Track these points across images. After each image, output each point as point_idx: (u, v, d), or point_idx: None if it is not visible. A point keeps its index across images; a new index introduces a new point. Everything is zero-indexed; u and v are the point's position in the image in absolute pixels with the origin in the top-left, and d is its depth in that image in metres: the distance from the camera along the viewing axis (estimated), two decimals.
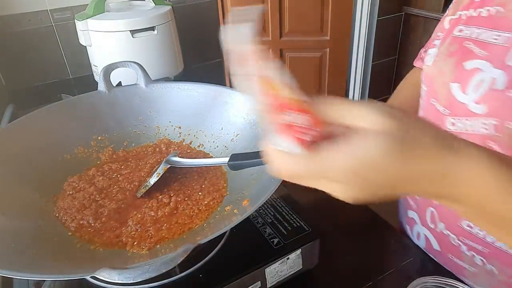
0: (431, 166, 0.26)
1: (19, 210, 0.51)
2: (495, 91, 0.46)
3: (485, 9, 0.50)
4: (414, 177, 0.27)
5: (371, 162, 0.25)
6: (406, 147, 0.26)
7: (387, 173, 0.26)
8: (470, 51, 0.50)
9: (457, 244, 0.55)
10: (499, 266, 0.52)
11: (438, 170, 0.26)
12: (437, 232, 0.59)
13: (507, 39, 0.47)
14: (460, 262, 0.56)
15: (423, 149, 0.26)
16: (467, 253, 0.55)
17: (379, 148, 0.25)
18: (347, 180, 0.26)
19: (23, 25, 1.20)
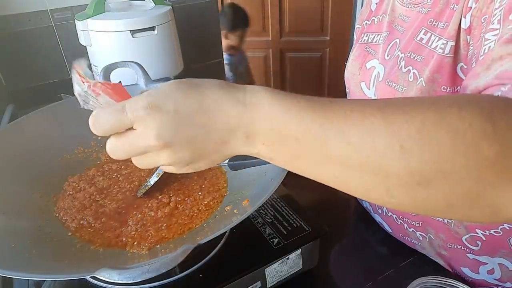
0: (228, 117, 0.30)
1: (19, 210, 0.51)
2: (379, 83, 0.56)
3: (376, 17, 0.61)
4: (209, 110, 0.30)
5: (163, 92, 0.30)
6: (194, 83, 0.31)
7: (180, 101, 0.30)
8: (368, 53, 0.61)
9: (400, 223, 0.61)
10: (434, 233, 0.56)
11: (236, 121, 0.30)
12: (384, 216, 0.64)
13: (383, 38, 0.57)
14: (409, 238, 0.62)
15: (210, 92, 0.30)
16: (409, 230, 0.60)
17: (169, 84, 0.31)
18: (148, 116, 0.30)
19: (23, 25, 1.20)
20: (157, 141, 0.30)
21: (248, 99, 0.30)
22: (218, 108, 0.30)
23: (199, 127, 0.30)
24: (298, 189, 0.63)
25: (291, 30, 1.94)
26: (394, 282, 0.55)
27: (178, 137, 0.30)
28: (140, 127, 0.30)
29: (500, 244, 0.51)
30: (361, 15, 0.68)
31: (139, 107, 0.30)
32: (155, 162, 0.32)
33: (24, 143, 0.59)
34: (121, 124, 0.31)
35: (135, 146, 0.32)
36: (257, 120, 0.29)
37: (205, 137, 0.31)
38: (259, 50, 2.00)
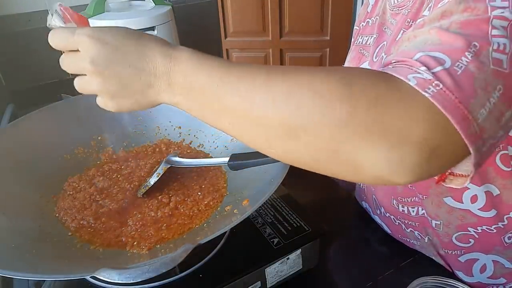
0: (155, 63, 0.35)
1: (19, 210, 0.51)
2: None
3: (370, 19, 0.61)
4: (143, 54, 0.35)
5: (110, 28, 0.36)
6: (139, 32, 0.37)
7: (121, 40, 0.35)
8: (363, 55, 0.61)
9: (398, 224, 0.61)
10: (431, 232, 0.56)
11: (161, 68, 0.35)
12: (382, 217, 0.64)
13: (373, 39, 0.58)
14: (407, 239, 0.62)
15: (148, 42, 0.35)
16: (407, 231, 0.60)
17: (118, 26, 0.37)
18: (90, 42, 0.35)
19: (23, 25, 1.20)
20: (91, 66, 0.35)
21: (175, 54, 0.35)
22: (151, 55, 0.35)
23: (131, 66, 0.35)
24: (298, 189, 0.63)
25: (291, 30, 1.94)
26: (394, 282, 0.55)
27: (110, 68, 0.35)
28: (82, 50, 0.36)
29: (494, 241, 0.51)
30: (359, 16, 0.68)
31: (85, 33, 0.35)
32: (89, 86, 0.37)
33: (24, 143, 0.59)
34: (68, 43, 0.36)
35: (75, 64, 0.37)
36: (177, 71, 0.34)
37: (133, 75, 0.35)
38: (259, 50, 2.00)
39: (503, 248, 0.51)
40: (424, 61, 0.29)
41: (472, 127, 0.27)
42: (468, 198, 0.49)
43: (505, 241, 0.51)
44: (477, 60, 0.28)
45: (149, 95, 0.36)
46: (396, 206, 0.58)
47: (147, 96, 0.36)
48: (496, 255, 0.52)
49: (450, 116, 0.27)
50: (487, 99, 0.28)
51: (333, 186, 0.77)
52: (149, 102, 0.37)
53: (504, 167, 0.46)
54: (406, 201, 0.56)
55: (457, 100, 0.27)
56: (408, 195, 0.55)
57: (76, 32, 0.36)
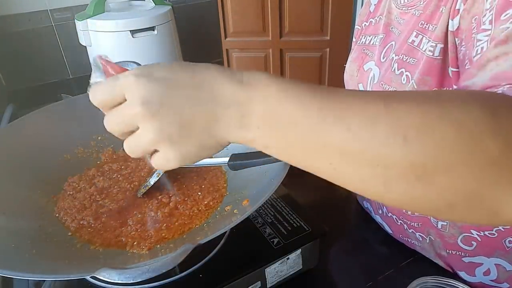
0: (223, 92, 0.28)
1: (19, 210, 0.51)
2: (374, 85, 0.57)
3: (374, 19, 0.61)
4: (203, 83, 0.29)
5: (157, 63, 0.30)
6: (190, 62, 0.30)
7: (172, 71, 0.29)
8: (366, 55, 0.60)
9: (400, 224, 0.60)
10: (434, 234, 0.56)
11: (230, 97, 0.28)
12: (384, 216, 0.63)
13: (380, 40, 0.57)
14: (409, 239, 0.61)
15: (205, 69, 0.29)
16: (409, 231, 0.59)
17: (162, 62, 0.30)
18: (136, 81, 0.29)
19: (23, 25, 1.20)
20: (142, 108, 0.29)
21: (245, 78, 0.29)
22: (212, 83, 0.29)
23: (190, 98, 0.29)
24: (298, 189, 0.63)
25: (291, 30, 1.94)
26: (394, 282, 0.55)
27: (166, 105, 0.29)
28: (129, 94, 0.29)
29: (495, 245, 0.51)
30: (360, 16, 0.68)
31: (130, 73, 0.30)
32: (142, 140, 0.30)
33: (24, 143, 0.59)
34: (113, 93, 0.30)
35: (123, 115, 0.30)
36: (254, 99, 0.28)
37: (195, 109, 0.29)
38: (259, 50, 2.00)
39: (505, 252, 0.51)
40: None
41: None
42: None
43: (506, 245, 0.50)
44: None
45: (217, 132, 0.29)
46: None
47: (214, 134, 0.30)
48: (498, 258, 0.52)
49: None
50: None
51: (333, 186, 0.77)
52: (217, 142, 0.30)
53: None
54: None
55: None
56: None
57: (120, 77, 0.30)
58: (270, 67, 2.03)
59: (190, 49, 1.38)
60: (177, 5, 1.36)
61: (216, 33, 1.60)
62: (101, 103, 0.31)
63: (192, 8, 1.45)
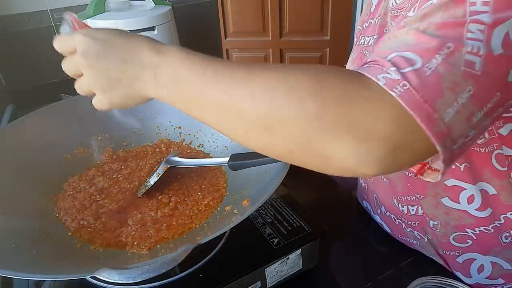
0: (144, 56, 0.37)
1: (19, 210, 0.51)
2: None
3: (373, 20, 0.61)
4: (131, 48, 0.37)
5: (102, 28, 0.40)
6: (128, 33, 0.40)
7: (110, 35, 0.38)
8: (364, 56, 0.61)
9: (398, 223, 0.61)
10: (430, 232, 0.56)
11: (148, 61, 0.37)
12: (383, 216, 0.64)
13: (375, 40, 0.58)
14: (407, 238, 0.62)
15: (137, 39, 0.38)
16: (407, 230, 0.60)
17: (107, 28, 0.40)
18: (82, 39, 0.38)
19: (23, 25, 1.20)
20: (83, 59, 0.38)
21: (162, 48, 0.37)
22: (138, 49, 0.37)
23: (119, 58, 0.37)
24: (298, 189, 0.63)
25: (291, 30, 1.94)
26: (394, 282, 0.55)
27: (100, 61, 0.38)
28: (77, 47, 0.39)
29: (492, 242, 0.51)
30: (362, 16, 0.68)
31: (80, 33, 0.39)
32: (83, 83, 0.40)
33: (24, 143, 0.59)
34: (68, 44, 0.40)
35: (72, 63, 0.40)
36: (164, 64, 0.36)
37: (121, 67, 0.37)
38: (259, 50, 2.00)
39: (501, 248, 0.51)
40: (395, 62, 0.30)
41: (438, 125, 0.29)
42: (465, 199, 0.49)
43: (503, 241, 0.51)
44: (447, 61, 0.29)
45: (137, 87, 0.38)
46: (396, 205, 0.58)
47: (135, 88, 0.38)
48: (494, 256, 0.52)
49: (414, 114, 0.28)
50: (454, 99, 0.29)
51: (333, 186, 0.77)
52: (138, 95, 0.39)
53: (500, 167, 0.46)
54: (406, 200, 0.56)
55: (422, 99, 0.28)
56: (408, 194, 0.55)
57: (74, 34, 0.39)
58: None
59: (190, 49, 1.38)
60: (177, 5, 1.36)
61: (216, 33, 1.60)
62: (60, 49, 0.41)
63: (192, 8, 1.45)
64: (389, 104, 0.29)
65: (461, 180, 0.48)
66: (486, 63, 0.30)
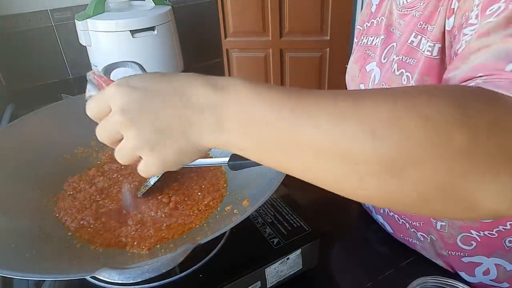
0: (197, 96, 0.29)
1: (20, 210, 0.51)
2: (375, 86, 0.57)
3: (375, 20, 0.61)
4: (178, 90, 0.30)
5: (137, 74, 0.32)
6: (170, 74, 0.32)
7: (150, 80, 0.31)
8: (368, 56, 0.60)
9: (402, 223, 0.60)
10: (435, 234, 0.56)
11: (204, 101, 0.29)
12: (386, 216, 0.63)
13: (381, 40, 0.57)
14: (410, 239, 0.61)
15: (184, 76, 0.31)
16: (411, 231, 0.59)
17: (141, 73, 0.33)
18: (117, 91, 0.31)
19: (23, 25, 1.20)
20: (121, 115, 0.30)
21: (219, 83, 0.30)
22: (188, 89, 0.30)
23: (166, 105, 0.30)
24: (298, 189, 0.63)
25: (291, 30, 1.94)
26: (394, 282, 0.55)
27: (143, 112, 0.30)
28: (112, 104, 0.31)
29: (495, 245, 0.51)
30: (362, 16, 0.68)
31: (112, 85, 0.31)
32: (125, 148, 0.32)
33: (24, 143, 0.59)
34: (100, 104, 0.32)
35: (108, 125, 0.32)
36: (227, 102, 0.29)
37: (170, 115, 0.30)
38: (259, 50, 2.00)
39: (505, 251, 0.51)
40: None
41: None
42: None
43: (506, 245, 0.50)
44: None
45: (192, 136, 0.30)
46: None
47: (190, 138, 0.30)
48: (498, 258, 0.52)
49: None
50: None
51: None
52: (194, 147, 0.31)
53: None
54: None
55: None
56: None
57: (105, 89, 0.32)
58: (270, 67, 2.03)
59: (190, 49, 1.38)
60: (177, 5, 1.36)
61: (216, 33, 1.60)
62: (93, 115, 0.34)
63: (192, 8, 1.45)
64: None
65: None
66: None
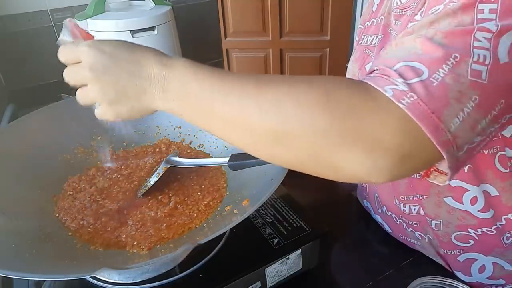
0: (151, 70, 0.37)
1: (20, 210, 0.51)
2: None
3: (375, 19, 0.61)
4: (138, 61, 0.37)
5: (107, 40, 0.39)
6: (134, 43, 0.39)
7: (117, 48, 0.38)
8: (368, 55, 0.61)
9: (399, 223, 0.61)
10: (431, 232, 0.56)
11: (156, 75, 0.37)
12: (384, 216, 0.64)
13: (378, 40, 0.58)
14: (408, 238, 0.62)
15: (144, 51, 0.38)
16: (408, 230, 0.60)
17: (113, 39, 0.39)
18: (88, 51, 0.38)
19: (23, 25, 1.20)
20: (90, 73, 0.38)
21: (169, 62, 0.37)
22: (144, 62, 0.37)
23: (126, 71, 0.37)
24: (298, 189, 0.63)
25: (291, 30, 1.94)
26: (394, 282, 0.55)
27: (107, 74, 0.37)
28: (83, 59, 0.38)
29: (494, 243, 0.51)
30: (363, 15, 0.68)
31: (85, 44, 0.38)
32: (89, 94, 0.39)
33: (24, 143, 0.59)
34: (72, 55, 0.39)
35: (76, 74, 0.39)
36: (171, 78, 0.36)
37: (128, 80, 0.37)
38: (259, 50, 2.00)
39: (504, 249, 0.51)
40: (402, 72, 0.31)
41: (444, 135, 0.29)
42: (468, 200, 0.49)
43: (505, 242, 0.51)
44: (454, 72, 0.30)
45: (144, 101, 0.38)
46: (398, 205, 0.58)
47: (142, 102, 0.38)
48: (496, 257, 0.52)
49: (422, 125, 0.29)
50: (460, 109, 0.29)
51: (334, 186, 0.77)
52: (144, 108, 0.39)
53: (503, 169, 0.46)
54: (408, 200, 0.56)
55: (429, 110, 0.29)
56: (410, 194, 0.55)
57: (79, 44, 0.39)
58: (270, 67, 2.03)
59: (190, 49, 1.38)
60: (177, 5, 1.36)
61: (216, 33, 1.60)
62: (63, 60, 0.40)
63: (192, 8, 1.45)
64: (397, 116, 0.29)
65: (465, 182, 0.48)
66: (492, 72, 0.30)
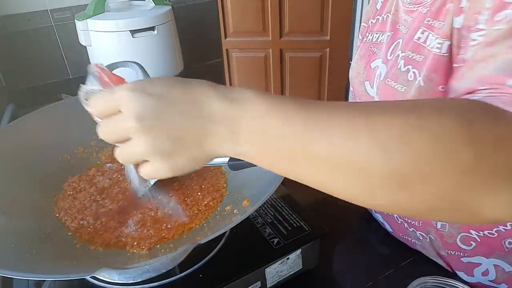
0: (214, 108, 0.30)
1: (19, 210, 0.51)
2: (380, 82, 0.57)
3: (381, 16, 0.60)
4: (195, 100, 0.30)
5: (151, 79, 0.32)
6: (183, 78, 0.32)
7: (166, 87, 0.30)
8: (373, 53, 0.60)
9: (400, 222, 0.60)
10: (434, 233, 0.56)
11: (220, 114, 0.30)
12: (385, 216, 0.64)
13: (387, 37, 0.57)
14: (409, 238, 0.61)
15: (199, 86, 0.31)
16: (410, 230, 0.60)
17: (159, 76, 0.32)
18: (131, 96, 0.30)
19: (23, 25, 1.20)
20: (137, 123, 0.30)
21: (235, 95, 0.30)
22: (204, 99, 0.30)
23: (182, 114, 0.30)
24: (298, 189, 0.63)
25: (291, 30, 1.94)
26: (394, 282, 0.55)
27: (159, 121, 0.30)
28: (124, 108, 0.31)
29: (495, 245, 0.51)
30: (367, 13, 0.67)
31: (125, 88, 0.30)
32: (134, 152, 0.32)
33: (24, 143, 0.59)
34: (109, 105, 0.31)
35: (118, 127, 0.32)
36: (243, 116, 0.29)
37: (187, 125, 0.30)
38: (259, 50, 2.00)
39: (504, 252, 0.51)
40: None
41: None
42: None
43: (506, 246, 0.50)
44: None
45: (207, 147, 0.31)
46: None
47: (205, 148, 0.31)
48: (497, 259, 0.52)
49: None
50: None
51: None
52: (208, 156, 0.32)
53: None
54: None
55: None
56: None
57: (116, 91, 0.31)
58: (270, 67, 2.03)
59: (190, 49, 1.38)
60: (177, 5, 1.36)
61: (216, 33, 1.60)
62: (97, 113, 0.33)
63: (192, 8, 1.45)
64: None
65: None
66: None
